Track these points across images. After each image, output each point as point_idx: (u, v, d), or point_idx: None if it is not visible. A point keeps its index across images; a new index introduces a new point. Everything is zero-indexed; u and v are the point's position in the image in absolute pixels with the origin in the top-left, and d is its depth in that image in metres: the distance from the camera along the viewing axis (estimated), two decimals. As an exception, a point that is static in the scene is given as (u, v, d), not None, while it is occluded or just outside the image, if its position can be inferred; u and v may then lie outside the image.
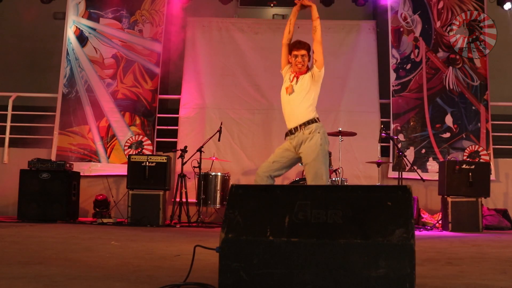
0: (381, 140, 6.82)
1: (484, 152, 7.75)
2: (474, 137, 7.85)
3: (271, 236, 2.05)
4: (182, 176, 6.80)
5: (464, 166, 6.47)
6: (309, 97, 4.49)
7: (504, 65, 9.07)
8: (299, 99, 4.47)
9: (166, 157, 6.70)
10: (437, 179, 6.84)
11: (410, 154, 7.82)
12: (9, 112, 8.07)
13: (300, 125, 4.37)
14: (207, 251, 2.19)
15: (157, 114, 8.05)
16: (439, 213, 6.92)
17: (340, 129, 6.66)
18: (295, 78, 4.53)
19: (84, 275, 2.52)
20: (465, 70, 8.05)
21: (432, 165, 7.74)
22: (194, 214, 6.94)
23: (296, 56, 4.51)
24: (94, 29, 8.25)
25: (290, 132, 4.42)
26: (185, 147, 6.93)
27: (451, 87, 8.01)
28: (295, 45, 4.57)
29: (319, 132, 4.34)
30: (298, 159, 4.41)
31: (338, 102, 8.12)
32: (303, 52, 4.50)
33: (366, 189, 2.16)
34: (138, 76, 8.13)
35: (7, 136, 7.95)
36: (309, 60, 4.54)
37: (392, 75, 8.12)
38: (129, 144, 7.89)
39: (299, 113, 4.44)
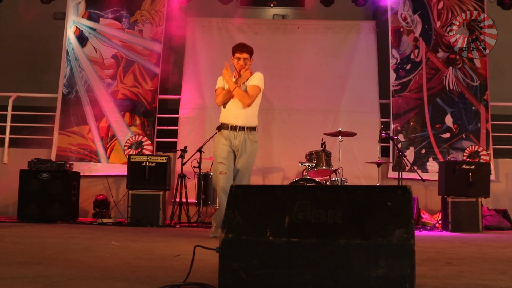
0: (381, 140, 6.82)
1: (484, 152, 7.76)
2: (474, 137, 7.85)
3: (271, 236, 2.05)
4: (182, 176, 6.80)
5: (464, 166, 6.47)
6: (257, 103, 4.74)
7: (504, 65, 9.08)
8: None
9: (166, 157, 6.70)
10: (437, 179, 6.84)
11: (410, 154, 7.82)
12: (9, 112, 8.07)
13: (248, 127, 4.64)
14: (207, 251, 2.19)
15: (157, 114, 8.06)
16: (439, 213, 6.92)
17: (340, 129, 6.66)
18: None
19: (84, 275, 2.52)
20: (465, 70, 8.05)
21: (432, 165, 7.74)
22: (194, 214, 6.94)
23: (238, 59, 4.70)
24: (94, 29, 8.26)
25: (232, 128, 4.62)
26: (185, 147, 6.93)
27: (451, 87, 8.02)
28: (238, 48, 4.72)
29: (256, 141, 4.71)
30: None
31: (338, 102, 8.12)
32: (246, 55, 4.69)
33: (366, 189, 2.16)
34: (138, 76, 8.13)
35: (7, 136, 7.96)
36: (250, 64, 4.79)
37: (392, 75, 8.12)
38: (129, 144, 7.89)
39: (250, 114, 4.67)
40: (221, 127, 4.75)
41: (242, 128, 4.63)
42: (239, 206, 2.17)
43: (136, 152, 7.75)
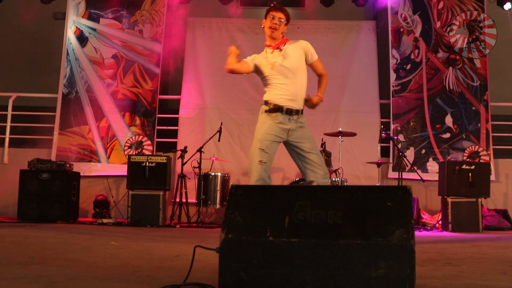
0: (381, 140, 6.82)
1: (484, 152, 7.75)
2: (474, 138, 7.85)
3: (271, 236, 2.05)
4: (182, 176, 6.80)
5: (464, 166, 6.47)
6: (306, 75, 4.00)
7: (504, 65, 9.08)
8: (300, 78, 3.92)
9: (166, 158, 6.70)
10: (437, 179, 6.84)
11: (410, 154, 7.82)
12: (9, 112, 8.07)
13: (301, 111, 3.96)
14: (207, 252, 2.19)
15: (157, 114, 8.06)
16: (439, 214, 6.92)
17: (340, 129, 6.66)
18: (276, 51, 3.90)
19: (84, 275, 2.52)
20: (465, 70, 8.05)
21: (432, 166, 7.74)
22: (194, 214, 6.94)
23: (273, 17, 3.85)
24: (94, 29, 8.26)
25: (288, 111, 3.85)
26: (185, 147, 6.93)
27: (451, 87, 8.02)
28: (273, 8, 3.93)
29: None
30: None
31: (338, 102, 8.12)
32: (281, 15, 3.89)
33: (366, 189, 2.16)
34: (138, 76, 8.13)
35: (7, 136, 7.96)
36: (285, 30, 3.97)
37: (392, 76, 8.12)
38: (129, 144, 7.89)
39: (301, 93, 3.95)
40: (273, 109, 3.85)
41: (297, 112, 3.91)
42: (239, 206, 2.17)
43: (136, 152, 7.75)
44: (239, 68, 3.92)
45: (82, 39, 8.23)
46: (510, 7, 8.31)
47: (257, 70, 3.98)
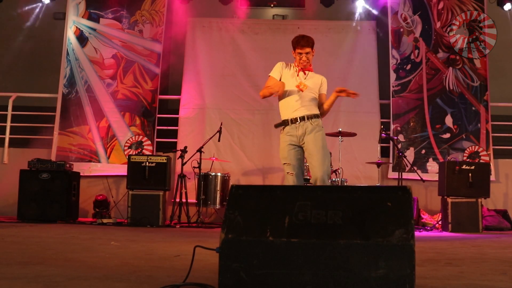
0: (381, 140, 6.82)
1: (484, 152, 7.76)
2: (474, 138, 7.85)
3: (271, 236, 2.05)
4: (182, 176, 6.80)
5: (464, 166, 6.47)
6: (317, 98, 4.54)
7: (504, 66, 9.07)
8: (311, 96, 4.46)
9: (166, 158, 6.70)
10: (437, 179, 6.84)
11: (410, 154, 7.82)
12: (9, 112, 8.08)
13: (309, 116, 4.35)
14: (207, 252, 2.19)
15: (157, 114, 8.06)
16: (439, 214, 6.92)
17: (340, 129, 6.66)
18: (301, 73, 4.48)
19: (84, 275, 2.52)
20: (465, 70, 8.05)
21: (432, 166, 7.75)
22: (194, 214, 6.94)
23: (300, 54, 4.43)
24: (94, 29, 8.26)
25: (293, 121, 4.36)
26: (185, 147, 6.93)
27: (451, 87, 8.02)
28: (299, 43, 4.44)
29: (322, 127, 4.44)
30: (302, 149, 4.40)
31: (338, 102, 8.00)
32: (308, 50, 4.42)
33: (366, 189, 2.16)
34: (138, 76, 8.13)
35: (7, 136, 7.96)
36: (312, 56, 4.50)
37: (392, 76, 8.12)
38: (129, 144, 7.89)
39: (309, 106, 4.42)
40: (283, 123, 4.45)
41: (302, 118, 4.35)
42: (239, 206, 2.16)
43: (136, 152, 7.75)
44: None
45: (82, 39, 8.23)
46: (510, 7, 8.32)
47: (279, 71, 4.59)
